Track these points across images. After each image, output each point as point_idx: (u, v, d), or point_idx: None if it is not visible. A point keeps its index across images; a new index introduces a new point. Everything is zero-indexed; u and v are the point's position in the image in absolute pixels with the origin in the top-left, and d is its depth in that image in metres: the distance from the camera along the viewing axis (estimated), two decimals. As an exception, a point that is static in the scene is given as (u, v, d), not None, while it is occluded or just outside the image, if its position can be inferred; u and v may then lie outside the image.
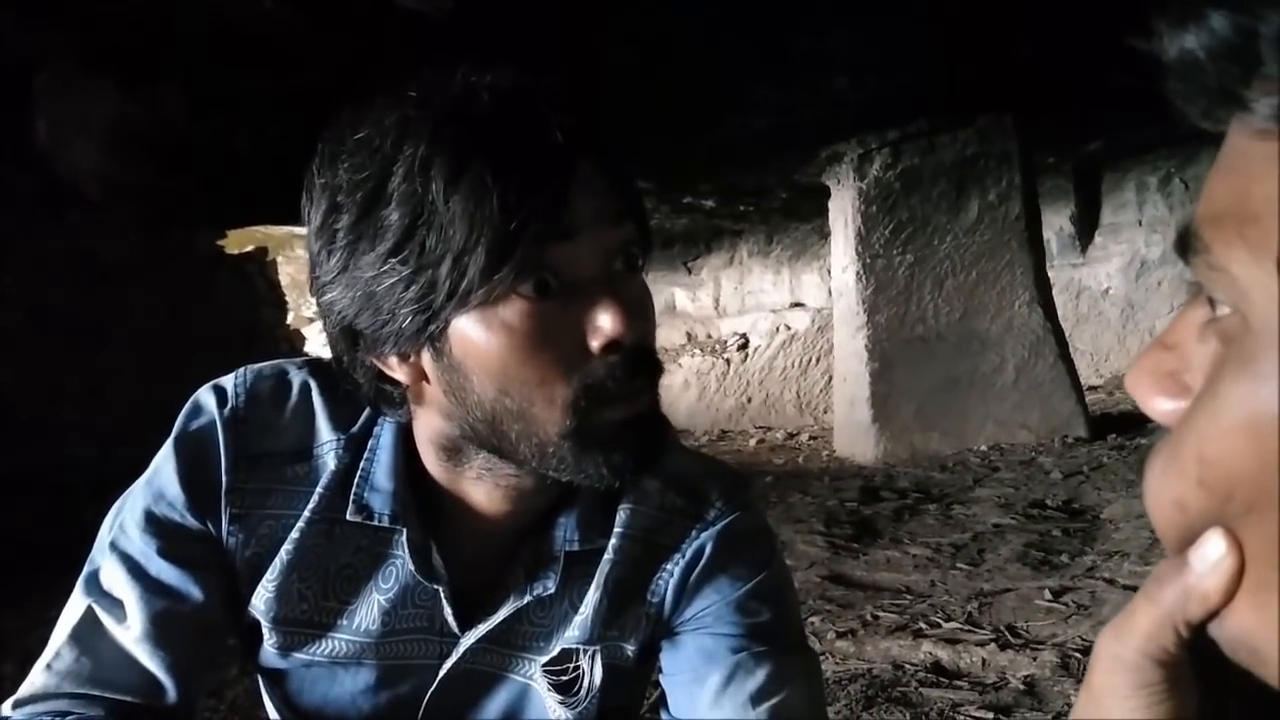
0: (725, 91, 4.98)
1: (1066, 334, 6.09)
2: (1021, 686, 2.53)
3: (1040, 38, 4.68)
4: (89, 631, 0.79)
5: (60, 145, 4.55)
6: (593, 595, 0.81)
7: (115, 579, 0.79)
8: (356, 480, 0.79)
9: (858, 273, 6.08)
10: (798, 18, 4.17)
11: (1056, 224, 8.48)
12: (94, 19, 3.65)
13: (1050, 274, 6.25)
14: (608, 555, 0.81)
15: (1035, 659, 2.66)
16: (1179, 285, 8.24)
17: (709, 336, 9.69)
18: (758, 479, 6.01)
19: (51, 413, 4.80)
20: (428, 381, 0.73)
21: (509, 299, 0.66)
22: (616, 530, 0.81)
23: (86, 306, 5.05)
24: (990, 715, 2.38)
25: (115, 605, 0.79)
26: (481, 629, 0.80)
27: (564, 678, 0.82)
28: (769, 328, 9.14)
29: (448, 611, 0.80)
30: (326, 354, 0.81)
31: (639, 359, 0.69)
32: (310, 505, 0.79)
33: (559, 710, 0.83)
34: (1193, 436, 0.34)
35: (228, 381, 0.81)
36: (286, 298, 7.54)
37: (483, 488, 0.78)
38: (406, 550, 0.78)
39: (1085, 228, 8.82)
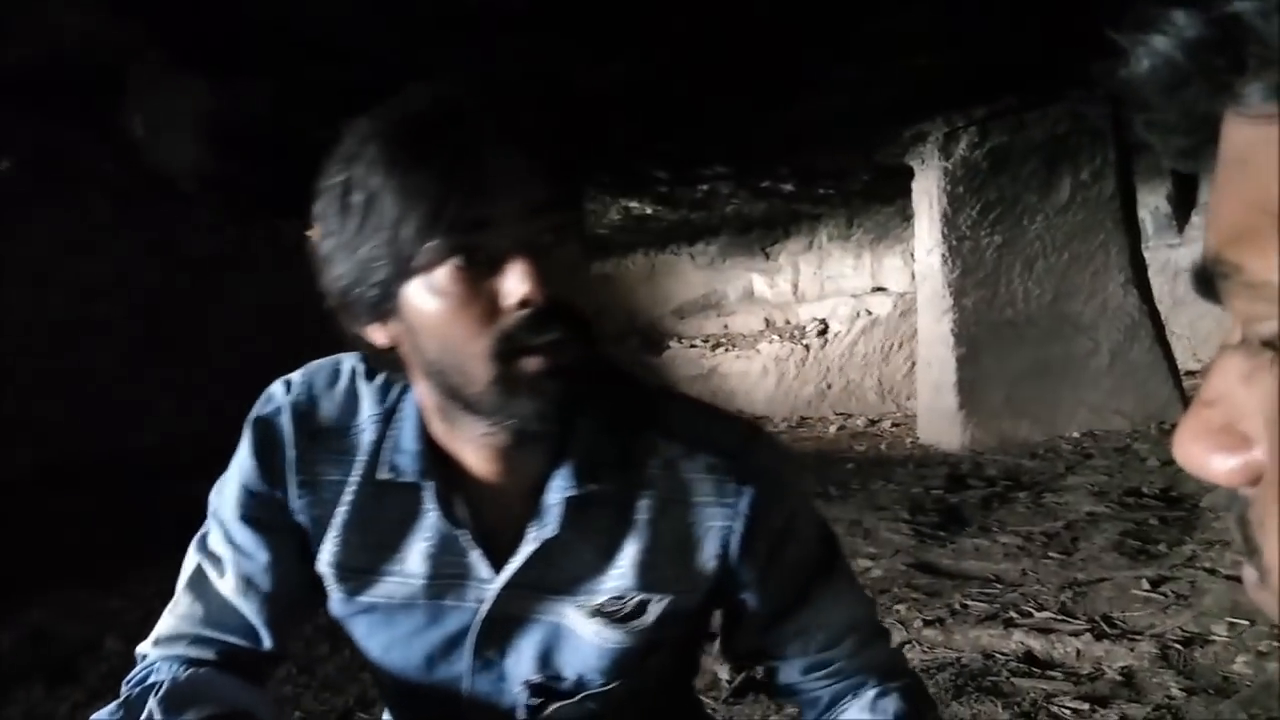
0: (803, 71, 4.89)
1: (1163, 317, 5.85)
2: (1119, 677, 2.45)
3: (1135, 7, 4.48)
4: (199, 583, 0.97)
5: (153, 140, 4.69)
6: (632, 546, 0.91)
7: (215, 539, 0.97)
8: (386, 445, 0.93)
9: (943, 255, 5.93)
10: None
11: (1152, 203, 8.15)
12: (184, 14, 3.74)
13: (1146, 255, 6.00)
14: (643, 514, 0.91)
15: (1133, 650, 2.57)
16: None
17: (787, 322, 9.57)
18: (839, 466, 5.93)
19: (150, 397, 4.97)
20: (401, 345, 0.86)
21: (441, 268, 0.79)
22: (649, 489, 0.92)
23: (180, 296, 5.22)
24: (1086, 706, 2.31)
25: (216, 561, 0.96)
26: (506, 573, 0.91)
27: (612, 611, 0.92)
28: (849, 313, 8.98)
29: (477, 556, 0.92)
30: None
31: (551, 315, 0.80)
32: (358, 471, 0.93)
33: (606, 633, 0.92)
34: None
35: (293, 375, 0.98)
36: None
37: (473, 448, 0.90)
38: (435, 501, 0.90)
39: (1182, 207, 8.47)
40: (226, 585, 0.95)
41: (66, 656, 3.16)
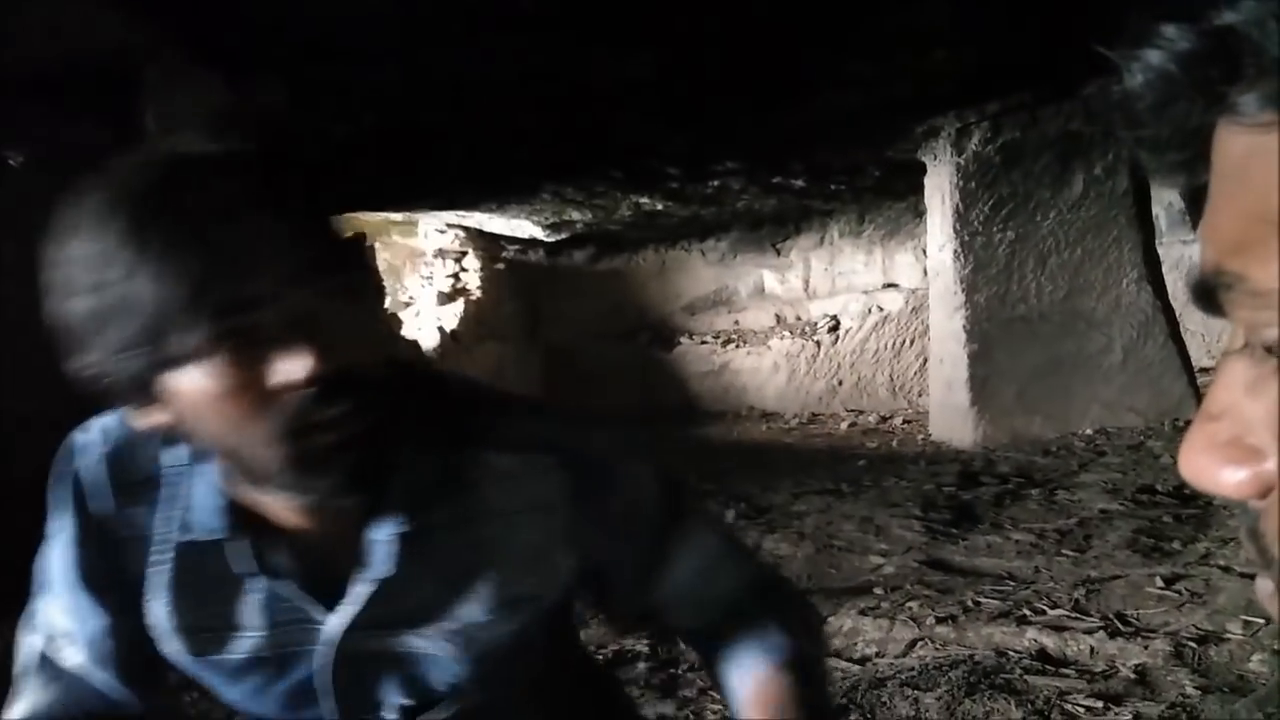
0: (815, 66, 4.88)
1: (1177, 313, 5.81)
2: (1133, 675, 2.44)
3: (1128, 24, 4.45)
4: (45, 663, 0.92)
5: (168, 137, 4.70)
6: (480, 569, 0.88)
7: (52, 612, 0.92)
8: (191, 502, 0.87)
9: (955, 251, 5.91)
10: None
11: (1166, 199, 8.09)
12: (199, 13, 3.76)
13: (1160, 251, 5.97)
14: (484, 533, 0.88)
15: (1147, 647, 2.57)
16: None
17: (798, 319, 9.55)
18: (850, 462, 5.93)
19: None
20: (177, 426, 0.79)
21: (209, 353, 0.71)
22: (483, 506, 0.87)
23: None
24: (1099, 704, 2.30)
25: (58, 636, 0.92)
26: (343, 619, 0.87)
27: (469, 633, 0.89)
28: (860, 309, 8.95)
29: (309, 604, 0.87)
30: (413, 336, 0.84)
31: (339, 387, 0.74)
32: (171, 526, 0.88)
33: (468, 652, 0.89)
34: None
35: (103, 421, 0.92)
36: (384, 283, 7.70)
37: (282, 505, 0.84)
38: (250, 554, 0.85)
39: (1196, 203, 8.42)
40: (75, 657, 0.91)
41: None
